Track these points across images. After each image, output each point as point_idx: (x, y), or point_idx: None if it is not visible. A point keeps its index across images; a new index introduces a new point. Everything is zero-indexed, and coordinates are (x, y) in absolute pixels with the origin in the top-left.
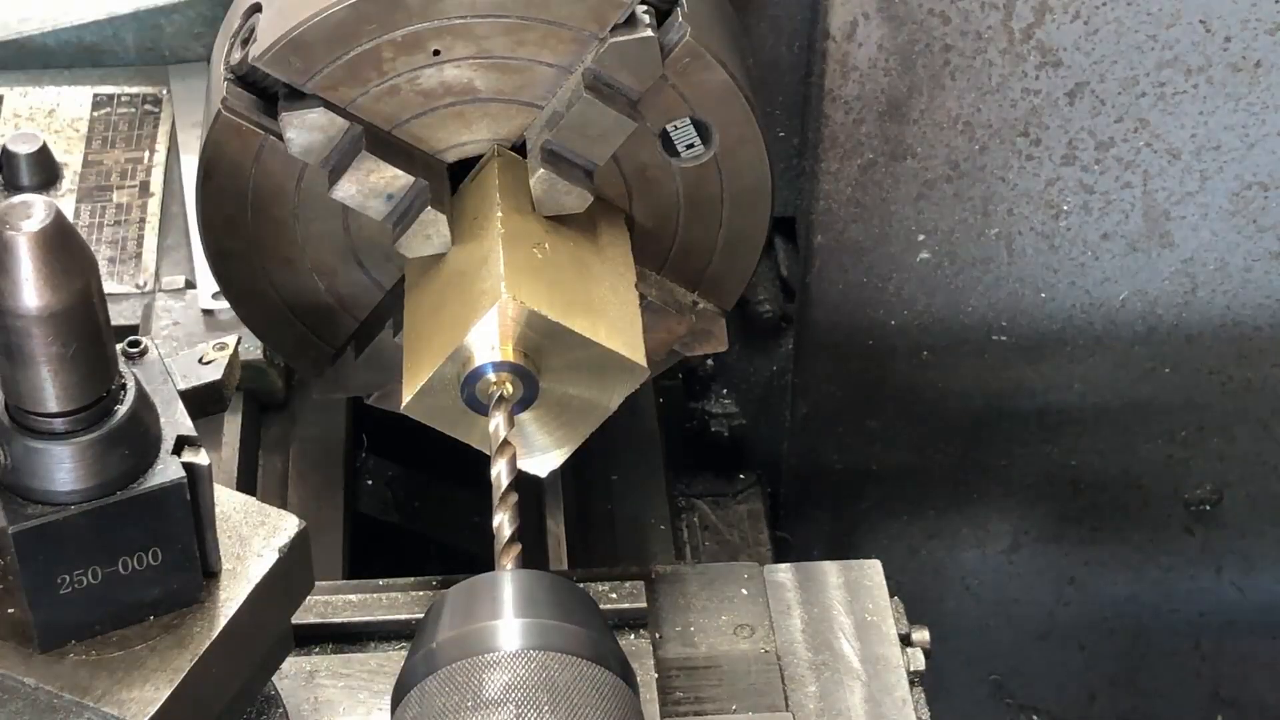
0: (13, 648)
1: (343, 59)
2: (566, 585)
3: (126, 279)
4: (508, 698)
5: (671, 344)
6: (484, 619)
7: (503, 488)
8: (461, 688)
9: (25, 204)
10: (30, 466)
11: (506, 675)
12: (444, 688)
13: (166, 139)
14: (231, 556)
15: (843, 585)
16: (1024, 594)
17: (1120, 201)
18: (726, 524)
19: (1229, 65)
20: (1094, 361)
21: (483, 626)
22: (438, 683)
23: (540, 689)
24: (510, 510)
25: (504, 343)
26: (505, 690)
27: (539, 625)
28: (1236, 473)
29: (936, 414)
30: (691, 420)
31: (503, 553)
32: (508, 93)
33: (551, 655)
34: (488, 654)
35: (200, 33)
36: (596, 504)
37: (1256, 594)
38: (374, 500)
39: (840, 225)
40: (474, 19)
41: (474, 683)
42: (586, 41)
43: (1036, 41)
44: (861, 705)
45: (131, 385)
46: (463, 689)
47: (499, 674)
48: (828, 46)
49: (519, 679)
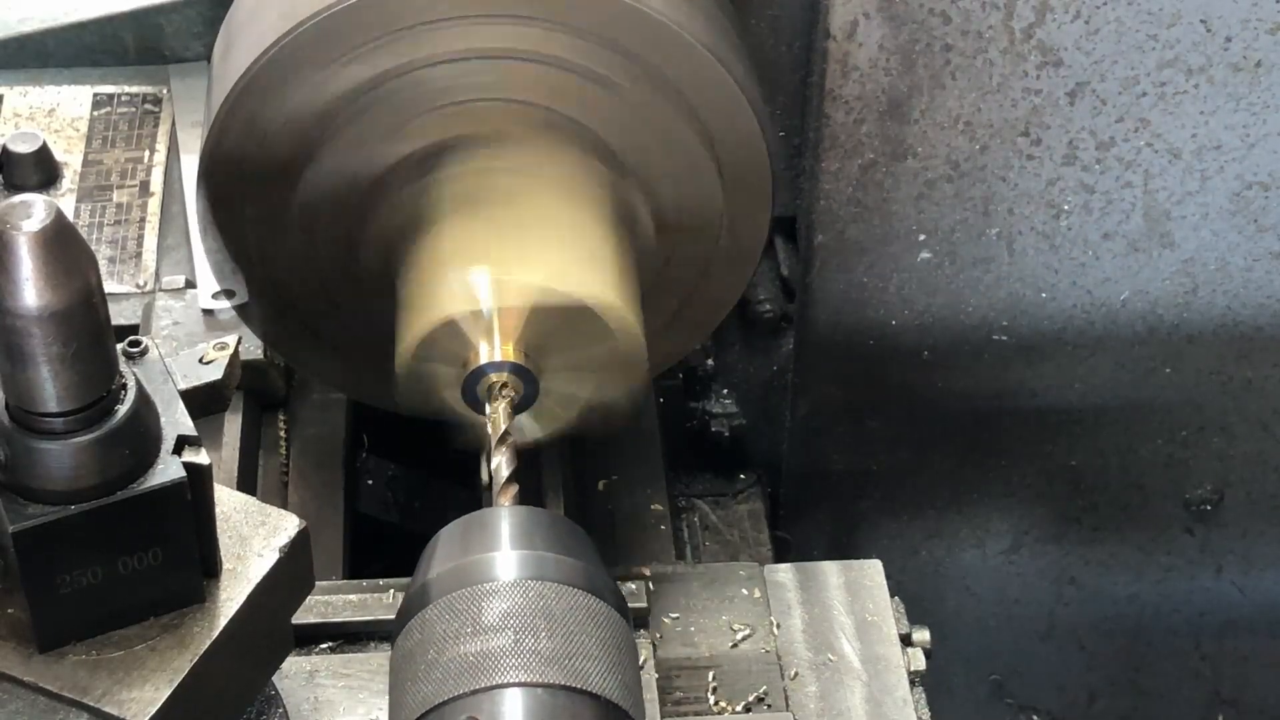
0: (13, 648)
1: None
2: (563, 521)
3: (126, 279)
4: (506, 624)
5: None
6: (482, 551)
7: (500, 431)
8: (461, 615)
9: (25, 204)
10: (30, 466)
11: (505, 603)
12: (444, 615)
13: (166, 139)
14: (232, 556)
15: (843, 585)
16: (1024, 594)
17: (1121, 201)
18: (726, 524)
19: (1230, 65)
20: (1094, 361)
21: (481, 558)
22: (438, 610)
23: (537, 615)
24: (508, 451)
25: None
26: (504, 617)
27: (536, 557)
28: (1237, 473)
29: (937, 414)
30: (691, 420)
31: (500, 492)
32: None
33: (548, 584)
34: (487, 583)
35: (200, 33)
36: (596, 504)
37: (1257, 594)
38: (374, 500)
39: (840, 225)
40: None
41: (473, 610)
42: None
43: (1037, 41)
44: (862, 705)
45: (132, 385)
46: (462, 615)
47: (498, 602)
48: (828, 46)
49: (516, 606)
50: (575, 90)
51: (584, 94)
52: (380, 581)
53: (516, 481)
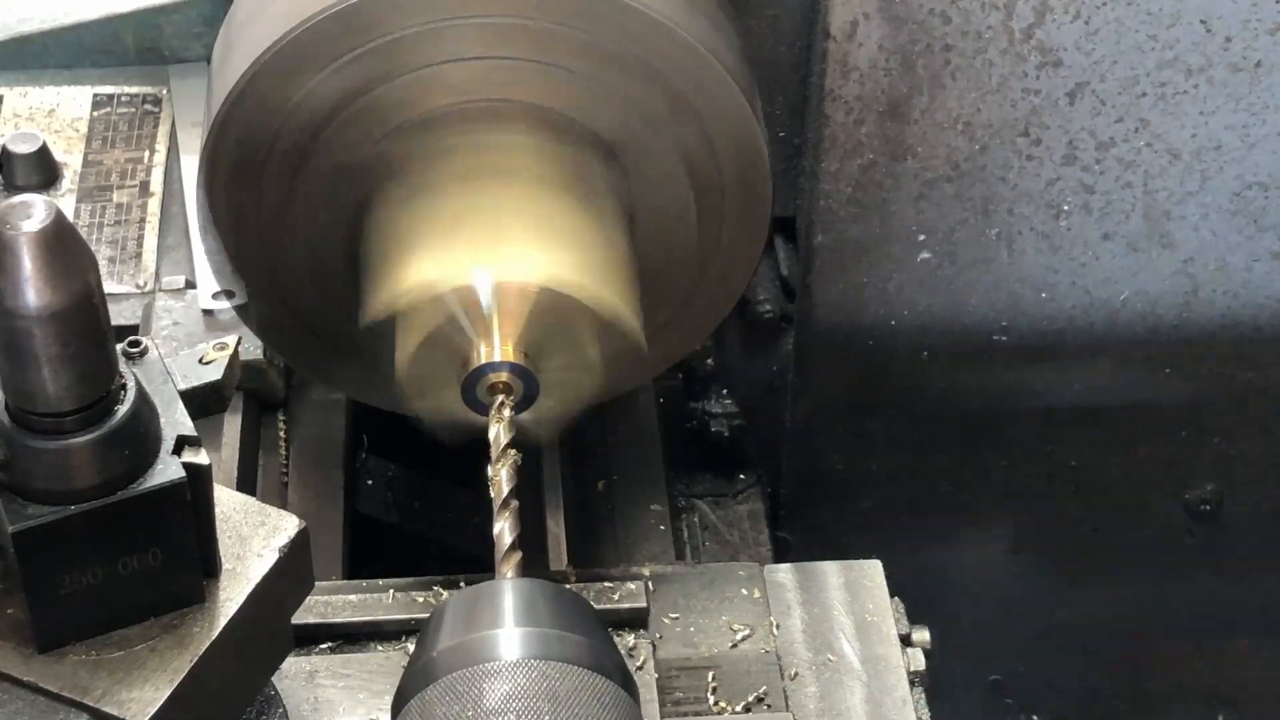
0: (13, 648)
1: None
2: (567, 594)
3: (126, 279)
4: (508, 707)
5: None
6: (484, 628)
7: (503, 495)
8: (462, 697)
9: (25, 204)
10: (30, 466)
11: (507, 685)
12: (444, 696)
13: (166, 139)
14: (231, 556)
15: (843, 585)
16: (1024, 594)
17: (1121, 201)
18: (726, 524)
19: (1229, 65)
20: (1094, 362)
21: (483, 636)
22: (438, 691)
23: (541, 698)
24: (511, 517)
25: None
26: (506, 700)
27: (540, 634)
28: (1237, 473)
29: (937, 414)
30: (691, 420)
31: (503, 560)
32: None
33: (552, 664)
34: (488, 663)
35: (200, 33)
36: (596, 504)
37: (1256, 594)
38: (374, 500)
39: (840, 225)
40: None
41: (475, 692)
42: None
43: (1037, 41)
44: (861, 705)
45: (132, 385)
46: (463, 698)
47: (500, 683)
48: (828, 46)
49: (520, 688)
50: (576, 90)
51: (583, 94)
52: (380, 582)
53: (519, 550)
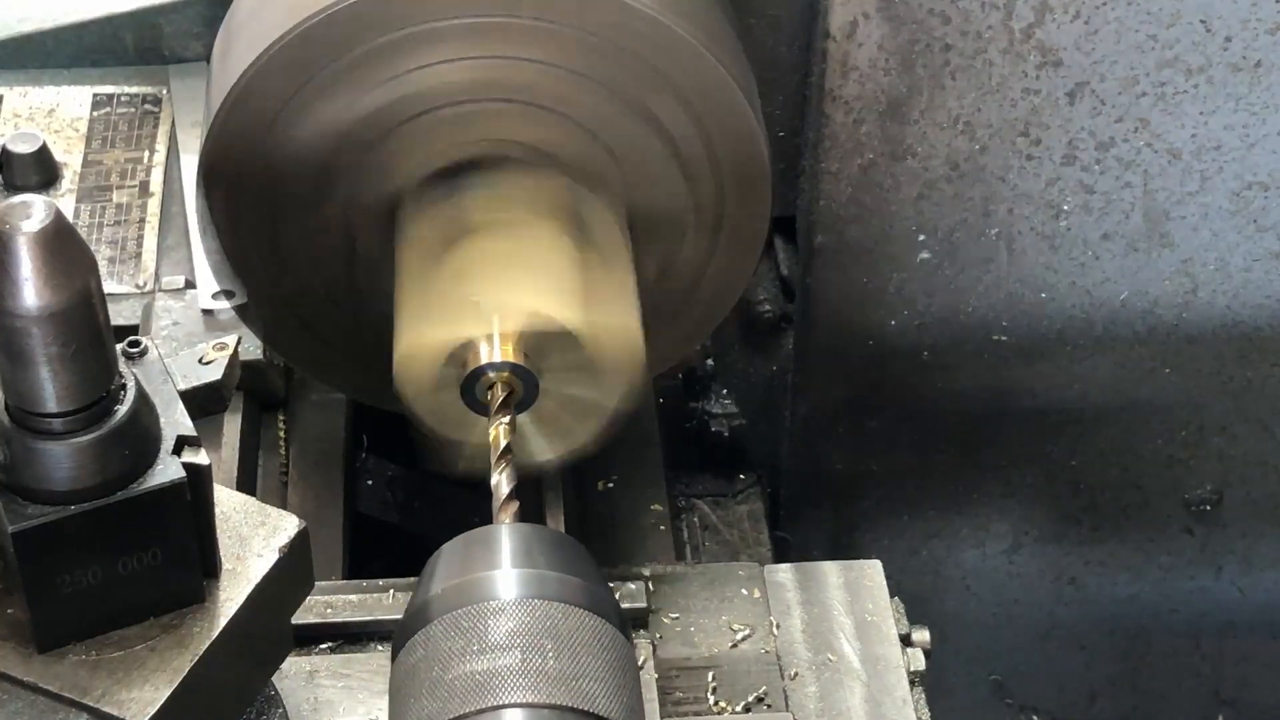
0: (13, 648)
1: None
2: (565, 538)
3: (126, 279)
4: (513, 643)
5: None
6: (486, 568)
7: (500, 448)
8: (467, 632)
9: (25, 204)
10: (30, 466)
11: (511, 621)
12: (449, 632)
13: (166, 139)
14: (231, 556)
15: (843, 585)
16: (1024, 594)
17: (1120, 201)
18: (726, 524)
19: (1229, 65)
20: (1094, 362)
21: (485, 576)
22: (443, 627)
23: (544, 635)
24: (508, 469)
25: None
26: (510, 635)
27: (540, 575)
28: (1236, 473)
29: (936, 414)
30: (691, 420)
31: (500, 510)
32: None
33: (554, 604)
34: (491, 601)
35: (200, 33)
36: (596, 504)
37: (1256, 594)
38: (374, 500)
39: (840, 225)
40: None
41: (479, 628)
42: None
43: (1036, 41)
44: (861, 705)
45: (131, 385)
46: (468, 634)
47: (504, 620)
48: (828, 46)
49: (523, 625)
50: (575, 90)
51: (582, 93)
52: (380, 582)
53: (517, 498)
